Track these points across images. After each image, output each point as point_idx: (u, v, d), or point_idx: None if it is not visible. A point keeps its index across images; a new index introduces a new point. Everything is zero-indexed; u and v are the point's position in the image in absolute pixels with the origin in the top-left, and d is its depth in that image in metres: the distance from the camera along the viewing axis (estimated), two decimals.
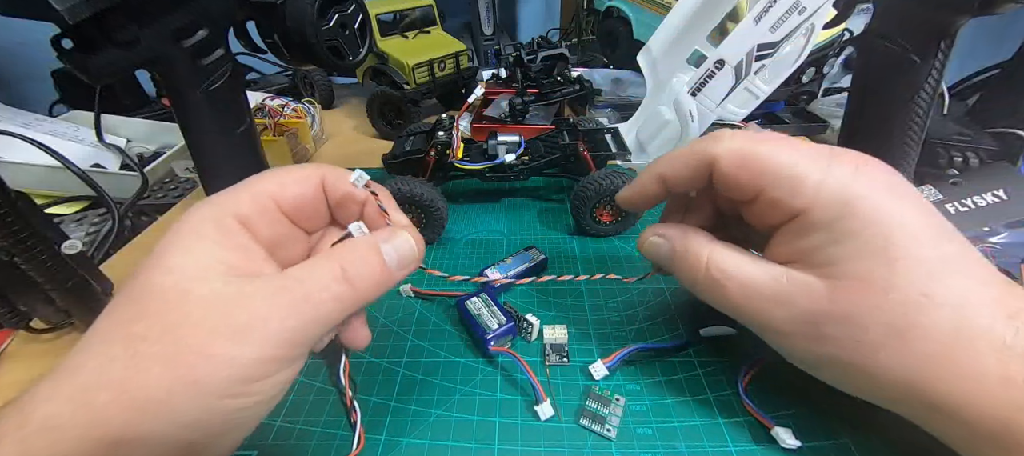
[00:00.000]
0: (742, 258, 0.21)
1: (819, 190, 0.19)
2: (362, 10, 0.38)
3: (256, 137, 0.37)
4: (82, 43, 0.26)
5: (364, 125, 0.59)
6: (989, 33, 0.72)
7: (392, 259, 0.19)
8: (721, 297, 0.21)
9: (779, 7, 0.32)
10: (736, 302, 0.21)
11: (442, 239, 0.38)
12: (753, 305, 0.20)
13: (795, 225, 0.20)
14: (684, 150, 0.23)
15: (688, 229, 0.23)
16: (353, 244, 0.19)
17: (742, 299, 0.21)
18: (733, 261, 0.21)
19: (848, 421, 0.23)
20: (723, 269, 0.21)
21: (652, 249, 0.25)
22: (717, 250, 0.22)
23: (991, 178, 0.40)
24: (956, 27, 0.30)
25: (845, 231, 0.18)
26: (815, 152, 0.20)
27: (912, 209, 0.19)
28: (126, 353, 0.15)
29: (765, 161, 0.20)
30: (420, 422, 0.24)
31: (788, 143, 0.20)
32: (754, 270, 0.21)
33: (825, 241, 0.19)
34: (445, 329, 0.30)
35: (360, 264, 0.18)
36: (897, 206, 0.18)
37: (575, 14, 0.81)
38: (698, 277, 0.22)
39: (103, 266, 0.35)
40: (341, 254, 0.18)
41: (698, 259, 0.22)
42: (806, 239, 0.19)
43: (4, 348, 0.30)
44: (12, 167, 0.44)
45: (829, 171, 0.19)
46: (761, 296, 0.20)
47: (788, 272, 0.20)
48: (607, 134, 0.42)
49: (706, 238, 0.23)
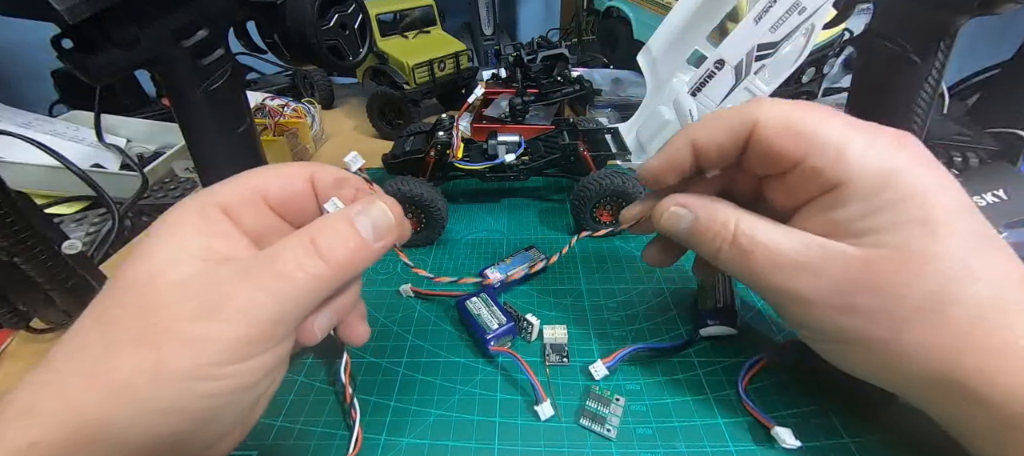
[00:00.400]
0: (771, 226, 0.20)
1: (864, 159, 0.18)
2: (362, 10, 0.38)
3: (256, 137, 0.37)
4: (82, 43, 0.26)
5: (364, 125, 0.59)
6: (989, 33, 0.72)
7: (366, 229, 0.18)
8: (746, 266, 0.20)
9: (779, 7, 0.32)
10: (761, 270, 0.20)
11: (442, 239, 0.38)
12: (780, 274, 0.19)
13: (830, 197, 0.19)
14: (721, 113, 0.21)
15: (712, 198, 0.22)
16: (325, 218, 0.18)
17: (768, 266, 0.20)
18: (763, 228, 0.20)
19: (848, 421, 0.23)
20: (751, 236, 0.20)
21: (672, 221, 0.23)
22: (746, 218, 0.21)
23: (991, 178, 0.40)
24: (956, 27, 0.30)
25: (886, 201, 0.18)
26: (857, 123, 0.19)
27: (950, 185, 0.18)
28: (100, 340, 0.15)
29: (812, 128, 0.19)
30: (420, 422, 0.24)
31: (831, 112, 0.20)
32: (784, 237, 0.20)
33: (863, 211, 0.18)
34: (445, 329, 0.30)
35: (331, 234, 0.17)
36: (937, 180, 0.18)
37: (575, 14, 0.81)
38: (722, 246, 0.21)
39: (103, 266, 0.35)
40: (312, 227, 0.18)
41: (725, 227, 0.21)
42: (841, 210, 0.19)
43: (4, 348, 0.30)
44: (12, 167, 0.44)
45: (873, 141, 0.19)
46: (791, 263, 0.19)
47: (820, 240, 0.19)
48: (607, 134, 0.42)
49: (733, 206, 0.22)
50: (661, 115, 0.39)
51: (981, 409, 0.17)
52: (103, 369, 0.14)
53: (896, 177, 0.18)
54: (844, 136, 0.19)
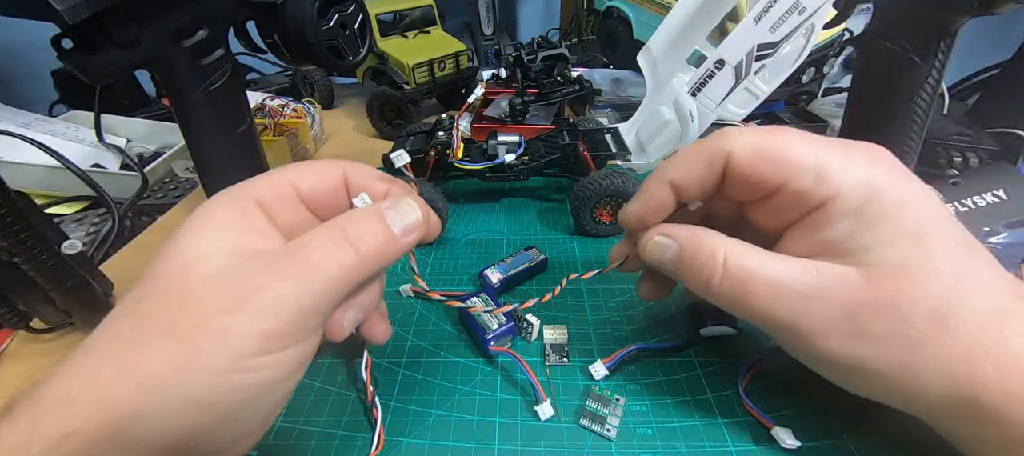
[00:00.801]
0: (763, 254, 0.19)
1: (844, 176, 0.18)
2: (362, 10, 0.38)
3: (256, 137, 0.37)
4: (82, 43, 0.26)
5: (364, 125, 0.59)
6: (989, 33, 0.72)
7: (396, 223, 0.18)
8: (745, 300, 0.19)
9: (779, 7, 0.32)
10: (765, 304, 0.19)
11: (442, 239, 0.38)
12: (785, 306, 0.18)
13: (817, 216, 0.19)
14: (692, 148, 0.21)
15: (696, 227, 0.21)
16: (355, 211, 0.19)
17: (772, 299, 0.18)
18: (755, 257, 0.19)
19: (848, 421, 0.23)
20: (745, 266, 0.19)
21: (656, 252, 0.22)
22: (735, 247, 0.20)
23: (991, 178, 0.40)
24: (956, 27, 0.30)
25: (874, 216, 0.18)
26: (829, 141, 0.19)
27: (928, 195, 0.18)
28: (131, 332, 0.15)
29: (786, 152, 0.19)
30: (420, 422, 0.24)
31: (800, 134, 0.20)
32: (780, 266, 0.19)
33: (854, 228, 0.18)
34: (445, 329, 0.30)
35: (361, 226, 0.18)
36: (917, 191, 0.18)
37: (575, 14, 0.81)
38: (713, 280, 0.20)
39: (103, 266, 0.35)
40: (342, 219, 0.18)
41: (713, 259, 0.20)
42: (831, 229, 0.18)
43: (4, 348, 0.30)
44: (12, 167, 0.44)
45: (849, 157, 0.19)
46: (794, 294, 0.18)
47: (818, 264, 0.18)
48: (607, 134, 0.42)
49: (718, 235, 0.20)
50: (661, 115, 0.39)
51: (998, 428, 0.16)
52: (134, 361, 0.14)
53: (878, 190, 0.18)
54: (819, 155, 0.19)
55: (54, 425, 0.14)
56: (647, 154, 0.42)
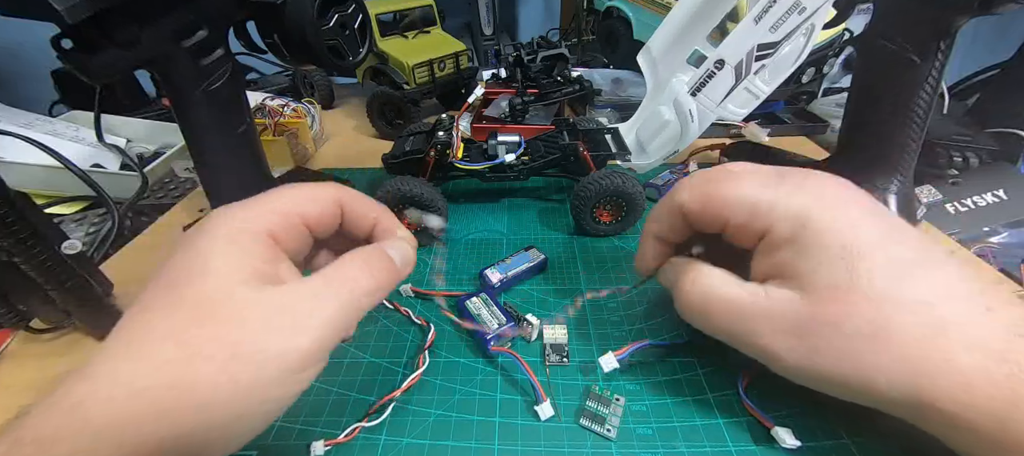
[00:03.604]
0: (726, 278, 0.22)
1: (773, 209, 0.21)
2: (362, 10, 0.38)
3: (256, 137, 0.37)
4: (82, 43, 0.26)
5: (364, 125, 0.59)
6: (989, 33, 0.72)
7: (398, 258, 0.22)
8: (706, 318, 0.22)
9: (779, 7, 0.32)
10: (721, 320, 0.22)
11: (442, 239, 0.38)
12: (738, 323, 0.21)
13: (766, 243, 0.21)
14: (661, 203, 0.25)
15: (681, 258, 0.25)
16: (367, 248, 0.21)
17: (726, 316, 0.21)
18: (717, 280, 0.22)
19: (848, 421, 0.23)
20: (705, 289, 0.22)
21: (662, 280, 0.26)
22: (703, 272, 0.23)
23: (991, 178, 0.40)
24: (956, 27, 0.30)
25: (808, 242, 0.19)
26: (763, 176, 0.22)
27: (865, 215, 0.20)
28: (180, 353, 0.16)
29: (722, 197, 0.22)
30: (420, 422, 0.24)
31: (737, 175, 0.22)
32: (735, 288, 0.22)
33: (793, 255, 0.20)
34: (445, 329, 0.30)
35: (377, 261, 0.21)
36: (848, 214, 0.20)
37: (575, 14, 0.81)
38: (682, 298, 0.23)
39: (103, 266, 0.35)
40: (363, 254, 0.21)
41: (685, 283, 0.23)
42: (777, 254, 0.21)
43: (4, 348, 0.30)
44: (12, 167, 0.44)
45: (778, 190, 0.21)
46: (745, 313, 0.21)
47: (766, 288, 0.21)
48: (607, 134, 0.42)
49: (694, 264, 0.24)
50: (661, 115, 0.39)
51: (955, 430, 0.18)
52: (186, 382, 0.15)
53: (807, 219, 0.20)
54: (751, 193, 0.21)
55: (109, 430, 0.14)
56: (647, 154, 0.42)
